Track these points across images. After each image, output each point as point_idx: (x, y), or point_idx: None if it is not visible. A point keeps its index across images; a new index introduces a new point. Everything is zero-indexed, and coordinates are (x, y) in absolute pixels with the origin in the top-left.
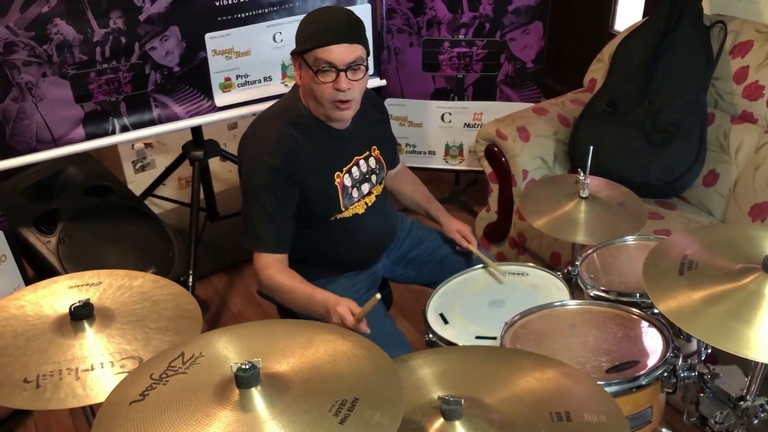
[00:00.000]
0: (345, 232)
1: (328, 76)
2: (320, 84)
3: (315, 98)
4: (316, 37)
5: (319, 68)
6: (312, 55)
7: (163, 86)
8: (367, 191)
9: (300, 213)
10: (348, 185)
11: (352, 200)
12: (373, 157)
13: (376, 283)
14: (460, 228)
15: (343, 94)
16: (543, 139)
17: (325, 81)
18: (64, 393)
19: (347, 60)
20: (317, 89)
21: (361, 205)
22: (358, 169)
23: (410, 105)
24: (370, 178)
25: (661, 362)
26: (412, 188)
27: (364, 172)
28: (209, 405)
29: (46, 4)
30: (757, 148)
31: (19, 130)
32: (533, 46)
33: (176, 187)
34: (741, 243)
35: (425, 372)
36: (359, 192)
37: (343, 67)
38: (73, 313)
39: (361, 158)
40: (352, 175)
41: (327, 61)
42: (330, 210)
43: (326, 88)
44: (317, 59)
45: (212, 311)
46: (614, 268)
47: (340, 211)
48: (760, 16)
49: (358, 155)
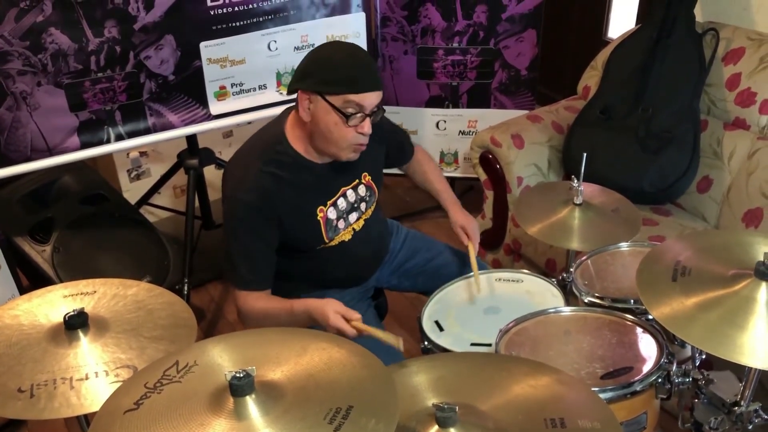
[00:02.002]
0: (329, 260)
1: (355, 120)
2: (345, 127)
3: (330, 140)
4: (351, 82)
5: (349, 113)
6: (342, 98)
7: (158, 95)
8: (354, 219)
9: (282, 247)
10: (333, 218)
11: (338, 231)
12: (363, 185)
13: (368, 293)
14: (464, 223)
15: (365, 138)
16: (537, 146)
17: (353, 125)
18: (59, 402)
19: (375, 104)
20: (338, 131)
21: (348, 233)
22: (345, 200)
23: (405, 113)
24: (358, 207)
25: (656, 368)
26: (422, 177)
27: (352, 201)
28: (204, 413)
29: (41, 13)
30: (750, 154)
31: (14, 139)
32: (527, 54)
33: (171, 195)
34: (733, 249)
35: (420, 379)
36: (346, 222)
37: (369, 111)
38: (68, 322)
39: (349, 188)
40: (338, 207)
41: (359, 105)
42: (313, 242)
43: (350, 131)
44: (348, 102)
45: (208, 319)
46: (609, 275)
47: (325, 243)
48: (752, 24)
49: (345, 185)
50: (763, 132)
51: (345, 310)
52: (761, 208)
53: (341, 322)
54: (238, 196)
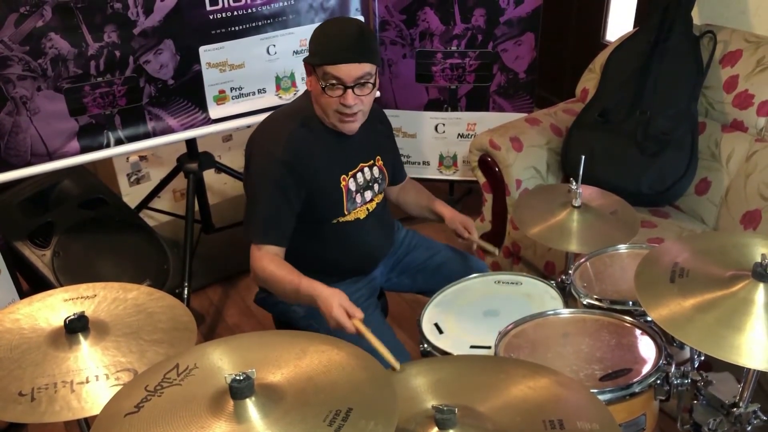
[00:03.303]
0: (345, 237)
1: (335, 91)
2: (327, 97)
3: (321, 107)
4: (326, 53)
5: (327, 83)
6: (321, 69)
7: (158, 99)
8: (369, 198)
9: (304, 213)
10: (353, 189)
11: (355, 205)
12: (377, 167)
13: (376, 291)
14: (462, 220)
15: (348, 109)
16: (536, 149)
17: (332, 96)
18: (59, 406)
19: (355, 76)
20: (323, 100)
21: (363, 210)
22: (362, 175)
23: (404, 116)
24: (372, 186)
25: (654, 370)
26: (414, 194)
27: (368, 179)
28: (204, 416)
29: (40, 18)
30: (748, 156)
31: (14, 144)
32: (525, 57)
33: (171, 199)
34: (731, 250)
35: (419, 381)
36: (362, 198)
37: (350, 83)
38: (68, 326)
39: (366, 166)
40: (357, 180)
41: (335, 76)
42: (333, 212)
43: (332, 101)
44: (326, 74)
45: (207, 323)
46: (607, 277)
47: (343, 214)
48: (749, 26)
49: (363, 162)
50: (760, 134)
51: (349, 305)
52: (759, 209)
53: (343, 317)
54: (273, 150)
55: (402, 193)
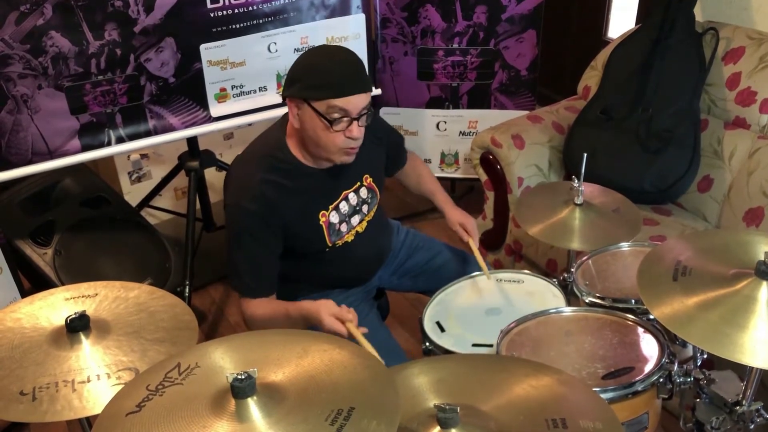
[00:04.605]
0: (336, 260)
1: (341, 125)
2: (332, 132)
3: (319, 145)
4: (332, 86)
5: (334, 118)
6: (325, 103)
7: (159, 97)
8: (357, 222)
9: (286, 252)
10: (335, 222)
11: (341, 234)
12: (364, 187)
13: (371, 294)
14: (462, 221)
15: (355, 142)
16: (538, 147)
17: (339, 130)
18: (61, 405)
19: (361, 107)
20: (326, 137)
21: (350, 235)
22: (347, 203)
23: (405, 114)
24: (360, 209)
25: (657, 368)
26: (416, 179)
27: (354, 204)
28: (205, 415)
29: (41, 16)
30: (751, 154)
31: (15, 143)
32: (527, 54)
33: (172, 197)
34: (734, 248)
35: (421, 380)
36: (348, 225)
37: (356, 115)
38: (70, 325)
39: (351, 191)
40: (341, 210)
41: (342, 109)
42: (316, 247)
43: (338, 136)
44: (331, 107)
45: (209, 322)
46: (610, 275)
47: (328, 247)
48: (751, 23)
49: (347, 189)
50: (763, 131)
51: (338, 311)
52: (762, 207)
53: (335, 324)
54: (241, 204)
55: (403, 176)
